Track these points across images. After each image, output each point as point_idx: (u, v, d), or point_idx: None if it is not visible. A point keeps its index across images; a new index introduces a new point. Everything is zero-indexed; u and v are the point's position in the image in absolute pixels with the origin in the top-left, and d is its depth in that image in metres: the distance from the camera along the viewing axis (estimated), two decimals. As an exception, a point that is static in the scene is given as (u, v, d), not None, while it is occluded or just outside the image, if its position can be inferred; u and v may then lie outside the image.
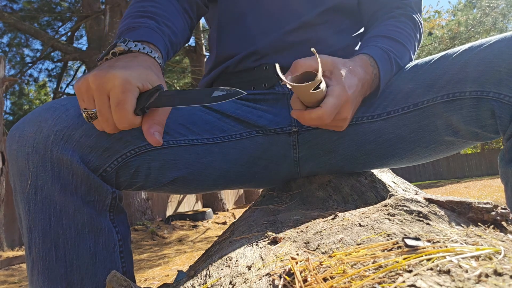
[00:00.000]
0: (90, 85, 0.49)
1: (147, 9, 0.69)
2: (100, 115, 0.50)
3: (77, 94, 0.52)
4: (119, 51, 0.56)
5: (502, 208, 0.37)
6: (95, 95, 0.49)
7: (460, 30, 10.08)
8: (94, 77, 0.49)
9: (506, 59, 0.58)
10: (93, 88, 0.49)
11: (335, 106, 0.58)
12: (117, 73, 0.48)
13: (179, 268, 2.77)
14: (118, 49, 0.56)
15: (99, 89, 0.49)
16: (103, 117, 0.50)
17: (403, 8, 0.79)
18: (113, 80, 0.48)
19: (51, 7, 8.43)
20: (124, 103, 0.48)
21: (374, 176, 0.84)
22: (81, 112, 0.53)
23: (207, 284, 0.39)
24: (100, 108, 0.50)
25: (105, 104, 0.49)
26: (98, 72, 0.49)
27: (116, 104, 0.48)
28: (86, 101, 0.51)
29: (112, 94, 0.49)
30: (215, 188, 0.76)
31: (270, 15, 0.79)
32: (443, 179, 14.23)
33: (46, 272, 0.56)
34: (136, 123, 0.51)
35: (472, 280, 0.24)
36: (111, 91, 0.48)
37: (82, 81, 0.51)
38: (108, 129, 0.52)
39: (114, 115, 0.49)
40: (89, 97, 0.51)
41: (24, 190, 0.56)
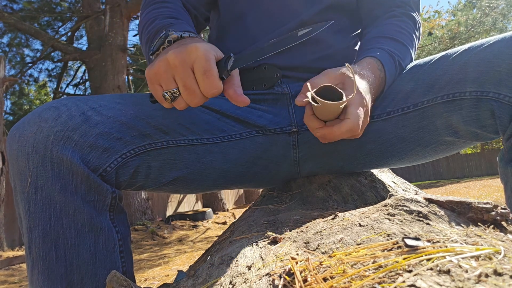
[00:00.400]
0: (172, 63, 0.52)
1: (169, 13, 0.72)
2: (185, 89, 0.52)
3: (153, 79, 0.54)
4: (173, 38, 0.58)
5: (502, 208, 0.37)
6: (178, 70, 0.52)
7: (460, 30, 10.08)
8: (175, 54, 0.51)
9: (506, 59, 0.58)
10: (175, 64, 0.51)
11: (360, 115, 0.58)
12: (196, 44, 0.52)
13: (179, 268, 2.77)
14: (172, 37, 0.58)
15: (183, 63, 0.51)
16: (189, 90, 0.52)
17: (403, 7, 0.79)
18: (195, 52, 0.51)
19: (51, 7, 8.42)
20: (210, 69, 0.51)
21: (374, 176, 0.84)
22: (163, 96, 0.54)
23: (207, 284, 0.39)
24: (185, 82, 0.52)
25: (190, 77, 0.52)
26: (175, 51, 0.52)
27: (203, 72, 0.51)
28: (166, 82, 0.53)
29: (197, 64, 0.51)
30: (215, 188, 0.76)
31: (269, 14, 0.79)
32: (443, 179, 14.23)
33: (46, 272, 0.56)
34: (221, 88, 0.53)
35: (472, 280, 0.24)
36: (195, 62, 0.51)
37: (158, 64, 0.53)
38: (196, 100, 0.54)
39: (202, 83, 0.51)
40: (168, 77, 0.53)
41: (24, 190, 0.56)
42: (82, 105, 0.60)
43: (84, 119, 0.58)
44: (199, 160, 0.68)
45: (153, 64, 0.54)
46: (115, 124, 0.60)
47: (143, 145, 0.62)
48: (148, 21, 0.72)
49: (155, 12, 0.74)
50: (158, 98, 0.56)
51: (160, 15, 0.72)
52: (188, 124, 0.68)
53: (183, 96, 0.54)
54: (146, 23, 0.73)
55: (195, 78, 0.52)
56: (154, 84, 0.55)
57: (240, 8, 0.81)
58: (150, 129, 0.64)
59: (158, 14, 0.73)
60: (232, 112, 0.72)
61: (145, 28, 0.72)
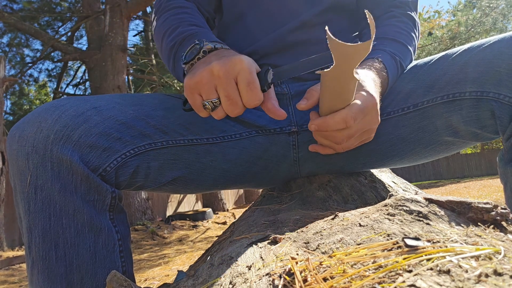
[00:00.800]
0: (216, 73, 0.53)
1: (190, 20, 0.73)
2: (228, 99, 0.54)
3: (193, 88, 0.55)
4: (208, 49, 0.59)
5: (502, 208, 0.37)
6: (222, 81, 0.53)
7: (460, 30, 10.08)
8: (219, 65, 0.53)
9: (506, 59, 0.58)
10: (219, 75, 0.53)
11: (361, 108, 0.57)
12: (240, 57, 0.53)
13: (179, 268, 2.77)
14: (207, 48, 0.59)
15: (227, 74, 0.53)
16: (232, 100, 0.54)
17: (402, 7, 0.79)
18: (240, 64, 0.53)
19: (51, 7, 8.42)
20: (254, 81, 0.53)
21: (374, 176, 0.84)
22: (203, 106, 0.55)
23: (207, 284, 0.39)
24: (228, 92, 0.53)
25: (233, 88, 0.53)
26: (219, 62, 0.53)
27: (247, 84, 0.53)
28: (207, 92, 0.55)
29: (241, 76, 0.53)
30: (215, 188, 0.76)
31: (269, 15, 0.79)
32: (443, 179, 14.23)
33: (46, 272, 0.56)
34: (262, 99, 0.55)
35: (472, 280, 0.24)
36: (239, 73, 0.53)
37: (200, 74, 0.54)
38: (236, 111, 0.55)
39: (246, 95, 0.53)
40: (210, 87, 0.54)
41: (24, 190, 0.56)
42: (82, 105, 0.60)
43: (84, 119, 0.58)
44: (198, 160, 0.68)
45: (194, 73, 0.55)
46: (115, 124, 0.60)
47: (142, 145, 0.62)
48: (170, 27, 0.72)
49: (176, 18, 0.73)
50: (196, 106, 0.57)
51: (182, 22, 0.72)
52: (187, 124, 0.68)
53: (224, 107, 0.55)
54: (168, 29, 0.72)
55: (238, 89, 0.54)
56: (194, 93, 0.56)
57: (240, 9, 0.81)
58: (149, 129, 0.64)
59: (180, 20, 0.72)
60: (232, 112, 0.72)
61: (168, 34, 0.71)
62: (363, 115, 0.58)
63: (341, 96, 0.55)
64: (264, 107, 0.56)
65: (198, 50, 0.59)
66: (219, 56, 0.56)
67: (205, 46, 0.59)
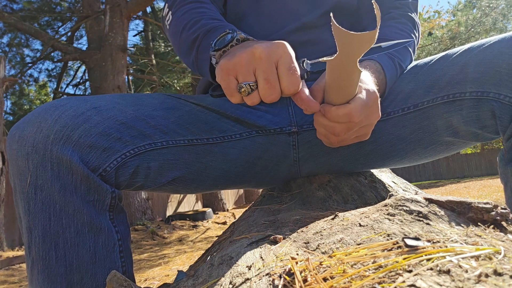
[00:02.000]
0: (258, 55, 0.52)
1: (211, 15, 0.72)
2: (267, 83, 0.52)
3: (231, 69, 0.54)
4: (242, 38, 0.59)
5: (502, 208, 0.37)
6: (263, 63, 0.52)
7: (460, 30, 10.08)
8: (262, 47, 0.52)
9: (506, 59, 0.58)
10: (261, 57, 0.52)
11: (364, 103, 0.57)
12: (284, 42, 0.53)
13: (179, 268, 2.77)
14: (240, 37, 0.59)
15: (269, 57, 0.52)
16: (271, 84, 0.52)
17: (402, 8, 0.79)
18: (283, 48, 0.52)
19: (51, 7, 8.42)
20: (295, 67, 0.52)
21: (374, 176, 0.84)
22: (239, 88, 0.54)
23: (207, 284, 0.39)
24: (268, 75, 0.52)
25: (273, 72, 0.52)
26: (262, 44, 0.53)
27: (288, 68, 0.52)
28: (244, 74, 0.53)
29: (283, 60, 0.52)
30: (215, 188, 0.76)
31: (270, 16, 0.79)
32: (443, 179, 14.23)
33: (46, 272, 0.56)
34: (300, 86, 0.54)
35: (472, 280, 0.24)
36: (281, 58, 0.52)
37: (240, 55, 0.53)
38: (273, 96, 0.53)
39: (286, 79, 0.52)
40: (249, 69, 0.53)
41: (24, 190, 0.56)
42: (81, 105, 0.60)
43: (83, 119, 0.58)
44: (198, 160, 0.68)
45: (234, 55, 0.54)
46: (115, 124, 0.60)
47: (142, 145, 0.62)
48: (191, 20, 0.71)
49: (197, 12, 0.73)
50: (230, 90, 0.55)
51: (204, 15, 0.71)
52: (187, 124, 0.68)
53: (261, 90, 0.53)
54: (188, 22, 0.71)
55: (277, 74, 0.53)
56: (230, 76, 0.54)
57: (241, 9, 0.81)
58: (149, 129, 0.64)
59: (201, 14, 0.72)
60: (232, 112, 0.72)
61: (189, 27, 0.71)
62: (366, 110, 0.58)
63: (345, 87, 0.55)
64: (298, 97, 0.55)
65: (231, 39, 0.58)
66: (257, 42, 0.56)
67: (239, 35, 0.58)
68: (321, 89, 0.60)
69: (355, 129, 0.60)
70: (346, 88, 0.55)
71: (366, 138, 0.64)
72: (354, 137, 0.62)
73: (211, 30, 0.66)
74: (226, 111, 0.72)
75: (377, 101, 0.59)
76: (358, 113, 0.56)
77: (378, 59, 0.67)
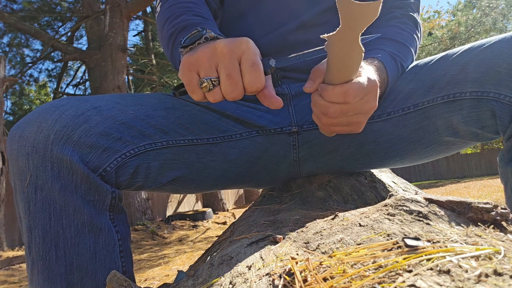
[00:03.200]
0: (220, 50, 0.51)
1: (195, 10, 0.71)
2: (229, 79, 0.51)
3: (192, 65, 0.53)
4: (211, 37, 0.58)
5: (502, 208, 0.37)
6: (225, 58, 0.51)
7: (460, 30, 10.08)
8: (224, 42, 0.51)
9: (506, 59, 0.58)
10: (223, 52, 0.51)
11: (362, 87, 0.56)
12: (247, 38, 0.52)
13: (179, 268, 2.77)
14: (210, 35, 0.58)
15: (231, 52, 0.51)
16: (233, 80, 0.51)
17: (404, 8, 0.79)
18: (246, 44, 0.51)
19: (51, 7, 8.42)
20: (258, 64, 0.51)
21: (374, 176, 0.84)
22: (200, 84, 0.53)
23: (207, 284, 0.39)
24: (230, 71, 0.51)
25: (236, 67, 0.51)
26: (224, 40, 0.52)
27: (251, 64, 0.51)
28: (206, 69, 0.52)
29: (245, 56, 0.51)
30: (215, 188, 0.76)
31: (270, 15, 0.79)
32: (443, 179, 14.23)
33: (46, 272, 0.56)
34: (263, 83, 0.52)
35: (472, 280, 0.24)
36: (244, 53, 0.51)
37: (202, 50, 0.52)
38: (235, 93, 0.52)
39: (248, 76, 0.51)
40: (211, 64, 0.52)
41: (24, 190, 0.56)
42: (82, 105, 0.60)
43: (84, 119, 0.58)
44: (199, 160, 0.68)
45: (195, 51, 0.53)
46: (115, 124, 0.60)
47: (143, 145, 0.62)
48: (173, 14, 0.70)
49: (181, 6, 0.72)
50: (192, 86, 0.53)
51: (187, 11, 0.70)
52: (187, 124, 0.68)
53: (223, 87, 0.52)
54: (170, 16, 0.70)
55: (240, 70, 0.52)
56: (192, 71, 0.53)
57: (242, 7, 0.81)
58: (150, 129, 0.64)
59: (184, 9, 0.71)
60: (232, 112, 0.72)
61: (169, 21, 0.70)
62: (363, 94, 0.57)
63: (345, 66, 0.54)
64: (261, 94, 0.54)
65: (199, 36, 0.57)
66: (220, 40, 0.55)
67: (208, 33, 0.57)
68: (322, 71, 0.60)
69: (349, 114, 0.59)
70: (346, 67, 0.54)
71: (358, 130, 0.62)
72: (345, 125, 0.61)
73: (187, 27, 0.66)
74: (226, 111, 0.72)
75: (375, 90, 0.59)
76: (354, 94, 0.55)
77: (381, 58, 0.67)
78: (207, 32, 0.57)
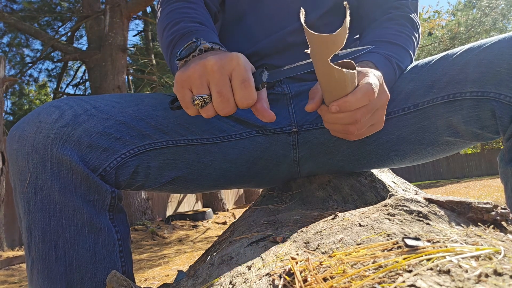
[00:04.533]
0: (210, 68, 0.51)
1: (193, 16, 0.71)
2: (220, 96, 0.51)
3: (185, 82, 0.53)
4: (205, 48, 0.58)
5: (502, 208, 0.37)
6: (215, 76, 0.51)
7: (460, 30, 10.08)
8: (214, 60, 0.51)
9: (506, 59, 0.58)
10: (213, 70, 0.51)
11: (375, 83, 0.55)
12: (238, 54, 0.52)
13: (179, 268, 2.77)
14: (204, 47, 0.58)
15: (221, 70, 0.51)
16: (224, 97, 0.51)
17: (401, 9, 0.79)
18: (236, 60, 0.51)
19: (51, 7, 8.42)
20: (249, 80, 0.51)
21: (374, 176, 0.84)
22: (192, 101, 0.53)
23: (207, 284, 0.39)
24: (220, 88, 0.51)
25: (226, 84, 0.51)
26: (214, 56, 0.51)
27: (242, 81, 0.51)
28: (198, 87, 0.52)
29: (236, 73, 0.51)
30: (215, 188, 0.76)
31: (271, 16, 0.79)
32: (443, 179, 14.23)
33: (45, 272, 0.56)
34: (255, 99, 0.52)
35: (472, 280, 0.24)
36: (234, 70, 0.51)
37: (193, 68, 0.52)
38: (227, 109, 0.53)
39: (239, 92, 0.51)
40: (202, 82, 0.52)
41: (24, 190, 0.56)
42: (81, 105, 0.60)
43: (83, 119, 0.58)
44: (198, 160, 0.68)
45: (187, 67, 0.53)
46: (115, 124, 0.60)
47: (142, 145, 0.62)
48: (172, 21, 0.70)
49: (180, 12, 0.72)
50: (185, 103, 0.54)
51: (185, 17, 0.70)
52: (187, 124, 0.68)
53: (215, 104, 0.52)
54: (169, 23, 0.71)
55: (231, 86, 0.52)
56: (184, 88, 0.53)
57: (242, 9, 0.81)
58: (149, 129, 0.64)
59: (183, 15, 0.71)
60: (232, 112, 0.72)
61: (168, 28, 0.70)
62: (377, 88, 0.56)
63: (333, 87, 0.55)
64: (253, 108, 0.54)
65: (194, 48, 0.57)
66: (215, 53, 0.55)
67: (202, 44, 0.58)
68: (319, 89, 0.60)
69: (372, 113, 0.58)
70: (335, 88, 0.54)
71: (381, 126, 0.62)
72: (370, 125, 0.61)
73: (184, 35, 0.66)
74: (226, 111, 0.72)
75: (382, 81, 0.59)
76: (373, 92, 0.54)
77: (374, 61, 0.66)
78: (202, 43, 0.58)
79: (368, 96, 0.54)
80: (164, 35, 0.71)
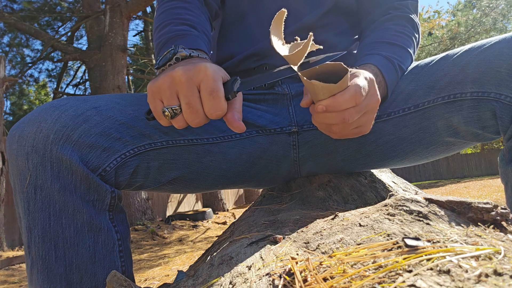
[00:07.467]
0: (178, 79, 0.51)
1: (184, 17, 0.71)
2: (189, 107, 0.51)
3: (155, 93, 0.53)
4: (182, 56, 0.57)
5: (502, 208, 0.37)
6: (183, 88, 0.51)
7: (460, 31, 10.08)
8: (182, 71, 0.51)
9: (507, 59, 0.58)
10: (181, 81, 0.51)
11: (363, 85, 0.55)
12: (206, 64, 0.51)
13: (179, 268, 2.77)
14: (181, 55, 0.57)
15: (190, 81, 0.50)
16: (192, 108, 0.51)
17: (401, 9, 0.79)
18: (204, 71, 0.51)
19: (51, 7, 8.42)
20: (217, 90, 0.50)
21: (374, 176, 0.84)
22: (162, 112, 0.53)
23: (207, 284, 0.39)
24: (189, 99, 0.51)
25: (194, 95, 0.51)
26: (183, 67, 0.51)
27: (210, 92, 0.50)
28: (168, 98, 0.52)
29: (204, 84, 0.50)
30: (215, 187, 0.76)
31: (271, 16, 0.78)
32: (443, 179, 14.23)
33: (45, 271, 0.56)
34: (225, 110, 0.52)
35: (472, 280, 0.24)
36: (202, 81, 0.50)
37: (162, 79, 0.52)
38: (197, 120, 0.52)
39: (208, 103, 0.51)
40: (171, 93, 0.52)
41: (24, 190, 0.56)
42: (81, 105, 0.60)
43: (83, 119, 0.58)
44: (198, 160, 0.68)
45: (158, 78, 0.53)
46: (115, 124, 0.60)
47: (142, 145, 0.62)
48: (162, 23, 0.70)
49: (171, 13, 0.72)
50: (157, 113, 0.54)
51: (175, 19, 0.70)
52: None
53: (184, 115, 0.52)
54: (159, 26, 0.70)
55: (200, 97, 0.51)
56: (156, 99, 0.53)
57: (242, 9, 0.80)
58: (149, 129, 0.64)
59: (173, 17, 0.70)
60: (232, 112, 0.72)
61: (158, 30, 0.70)
62: (365, 92, 0.56)
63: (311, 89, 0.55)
64: (224, 118, 0.53)
65: (170, 57, 0.57)
66: (187, 63, 0.54)
67: (179, 53, 0.57)
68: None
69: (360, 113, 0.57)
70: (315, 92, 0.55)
71: (368, 130, 0.61)
72: (355, 127, 0.59)
73: (169, 41, 0.66)
74: (226, 111, 0.72)
75: (373, 84, 0.58)
76: (361, 92, 0.54)
77: (375, 63, 0.66)
78: (179, 51, 0.57)
79: (355, 98, 0.54)
80: (154, 37, 0.72)
